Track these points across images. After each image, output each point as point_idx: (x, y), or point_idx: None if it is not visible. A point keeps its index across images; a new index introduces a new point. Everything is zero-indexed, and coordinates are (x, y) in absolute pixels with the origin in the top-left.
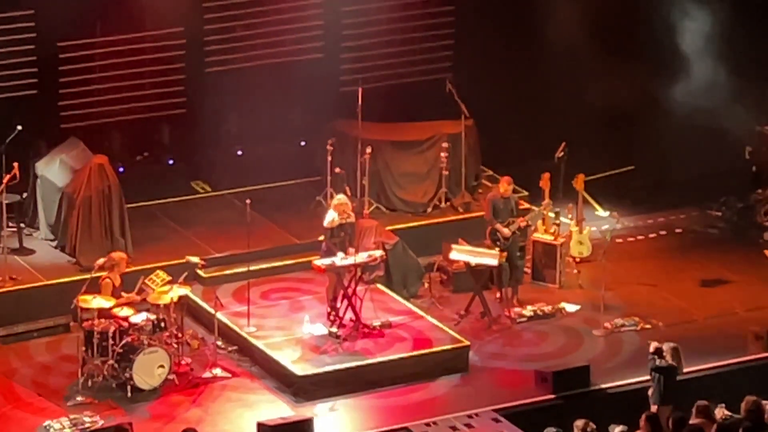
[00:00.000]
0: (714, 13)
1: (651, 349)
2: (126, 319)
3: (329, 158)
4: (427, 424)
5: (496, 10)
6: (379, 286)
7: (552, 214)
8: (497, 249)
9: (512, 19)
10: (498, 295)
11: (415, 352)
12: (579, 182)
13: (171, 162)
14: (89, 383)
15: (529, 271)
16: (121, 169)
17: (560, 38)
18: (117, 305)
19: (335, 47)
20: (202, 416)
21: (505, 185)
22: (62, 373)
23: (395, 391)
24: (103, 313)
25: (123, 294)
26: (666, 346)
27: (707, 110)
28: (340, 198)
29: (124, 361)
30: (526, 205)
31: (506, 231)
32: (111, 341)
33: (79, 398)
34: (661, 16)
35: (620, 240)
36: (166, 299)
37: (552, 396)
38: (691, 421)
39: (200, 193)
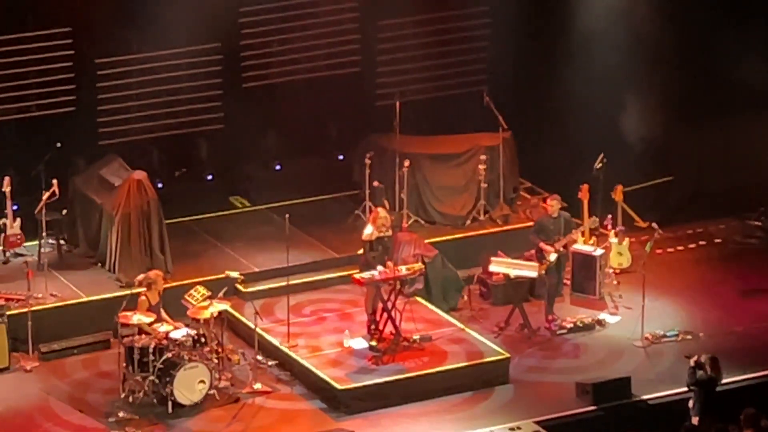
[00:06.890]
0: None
1: (692, 363)
2: (166, 335)
3: (367, 172)
4: None
5: (531, 22)
6: (419, 299)
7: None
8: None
9: (548, 30)
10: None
11: (456, 365)
12: (618, 193)
13: (209, 177)
14: (130, 399)
15: (568, 282)
16: (159, 185)
17: (597, 48)
18: (156, 321)
19: (372, 61)
20: (244, 431)
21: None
22: (103, 390)
23: (436, 404)
24: (143, 329)
25: (162, 311)
26: (704, 358)
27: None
28: (379, 211)
29: (165, 376)
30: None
31: (550, 249)
32: (151, 357)
33: (120, 414)
34: (697, 25)
35: (660, 251)
36: (206, 314)
37: (593, 408)
38: None
39: (239, 208)
